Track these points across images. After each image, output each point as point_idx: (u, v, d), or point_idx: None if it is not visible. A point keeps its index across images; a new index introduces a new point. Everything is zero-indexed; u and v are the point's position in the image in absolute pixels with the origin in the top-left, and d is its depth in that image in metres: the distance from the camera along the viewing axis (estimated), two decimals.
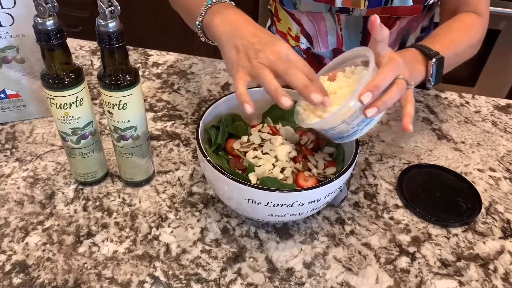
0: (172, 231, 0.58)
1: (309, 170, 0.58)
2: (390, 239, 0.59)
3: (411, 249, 0.58)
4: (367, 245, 0.58)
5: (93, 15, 1.86)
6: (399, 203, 0.64)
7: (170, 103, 0.80)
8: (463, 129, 0.78)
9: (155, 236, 0.57)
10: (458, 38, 0.69)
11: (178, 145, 0.71)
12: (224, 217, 0.60)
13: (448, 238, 0.59)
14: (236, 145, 0.60)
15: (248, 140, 0.61)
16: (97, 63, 0.89)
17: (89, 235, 0.57)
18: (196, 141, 0.55)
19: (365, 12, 0.72)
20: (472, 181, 0.68)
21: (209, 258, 0.55)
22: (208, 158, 0.52)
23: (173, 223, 0.59)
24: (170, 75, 0.87)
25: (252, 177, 0.55)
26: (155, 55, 0.92)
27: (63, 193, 0.62)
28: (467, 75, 2.08)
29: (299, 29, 0.79)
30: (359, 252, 0.57)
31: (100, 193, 0.62)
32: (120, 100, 0.52)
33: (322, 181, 0.57)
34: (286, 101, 0.49)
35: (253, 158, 0.58)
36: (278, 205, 0.50)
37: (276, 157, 0.58)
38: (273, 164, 0.57)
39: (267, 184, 0.53)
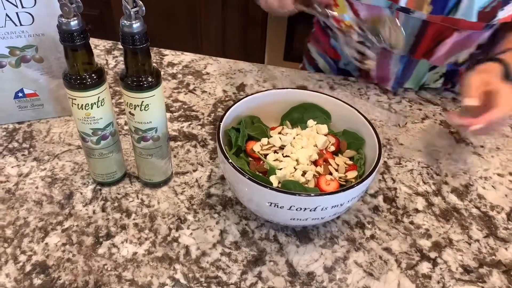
0: (191, 233, 0.57)
1: (330, 173, 0.57)
2: (411, 244, 0.58)
3: (432, 255, 0.57)
4: (387, 249, 0.57)
5: (103, 13, 1.87)
6: (419, 207, 0.63)
7: (186, 104, 0.80)
8: None
9: (175, 238, 0.57)
10: None
11: (195, 146, 0.71)
12: (243, 219, 0.60)
13: (470, 244, 0.59)
14: (256, 147, 0.59)
15: (269, 143, 0.60)
16: (112, 62, 0.89)
17: (108, 236, 0.56)
18: (217, 143, 0.54)
19: (425, 17, 0.71)
20: (492, 186, 0.67)
21: (229, 261, 0.54)
22: (229, 160, 0.52)
23: (192, 225, 0.58)
24: (186, 75, 0.87)
25: (274, 180, 0.55)
26: (170, 55, 0.92)
27: (81, 193, 0.62)
28: None
29: (355, 19, 0.77)
30: (380, 257, 0.56)
31: (118, 194, 0.62)
32: (142, 101, 0.52)
33: (343, 185, 0.56)
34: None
35: (274, 160, 0.58)
36: (301, 209, 0.50)
37: (297, 160, 0.57)
38: (294, 167, 0.57)
39: (290, 187, 0.52)
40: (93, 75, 0.52)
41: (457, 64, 0.81)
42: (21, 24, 0.62)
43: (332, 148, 0.60)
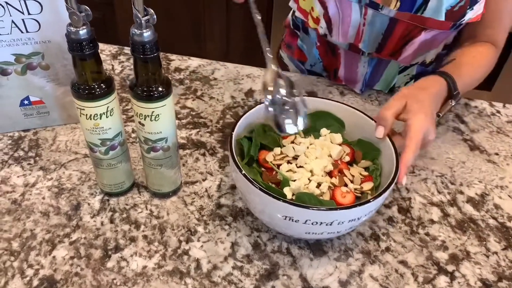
0: (202, 246, 0.56)
1: (345, 185, 0.56)
2: (427, 257, 0.57)
3: (450, 268, 0.55)
4: (403, 262, 0.56)
5: (106, 16, 1.85)
6: (434, 217, 0.61)
7: (194, 110, 0.78)
8: (495, 140, 0.76)
9: (185, 251, 0.55)
10: (477, 74, 0.73)
11: (204, 154, 0.69)
12: (255, 231, 0.58)
13: (488, 256, 0.57)
14: (269, 157, 0.58)
15: (281, 152, 0.59)
16: (118, 67, 0.88)
17: (117, 249, 0.55)
18: (229, 153, 0.53)
19: (394, 14, 0.70)
20: (508, 195, 0.65)
21: (241, 275, 0.53)
22: (243, 172, 0.50)
23: (203, 237, 0.57)
24: (193, 81, 0.85)
25: (288, 192, 0.53)
26: (177, 60, 0.91)
27: (88, 204, 0.60)
28: (484, 79, 2.06)
29: (323, 12, 0.76)
30: (396, 270, 0.55)
31: (126, 205, 0.61)
32: (153, 112, 0.51)
33: (359, 197, 0.55)
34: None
35: (287, 171, 0.56)
36: (316, 223, 0.48)
37: (311, 171, 0.56)
38: (308, 179, 0.55)
39: (304, 200, 0.51)
40: (102, 84, 0.50)
41: (425, 64, 0.81)
42: (27, 31, 0.61)
43: (347, 158, 0.59)
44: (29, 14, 0.60)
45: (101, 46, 0.93)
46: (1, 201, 0.60)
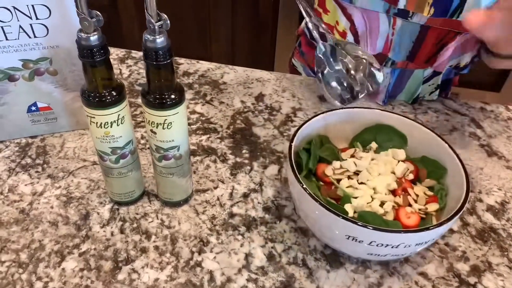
0: (215, 257, 0.54)
1: (409, 205, 0.53)
2: (448, 268, 0.55)
3: (472, 280, 0.54)
4: (423, 274, 0.54)
5: (110, 18, 1.85)
6: (454, 227, 0.60)
7: (204, 116, 0.77)
8: None
9: (198, 262, 0.54)
10: None
11: (215, 161, 0.68)
12: (269, 241, 0.56)
13: (511, 268, 0.55)
14: (328, 171, 0.56)
15: (341, 166, 0.57)
16: (126, 71, 0.86)
17: (128, 260, 0.53)
18: (289, 166, 0.51)
19: (425, 21, 0.67)
20: None
21: None
22: (304, 186, 0.48)
23: (216, 247, 0.55)
24: (202, 85, 0.84)
25: (349, 209, 0.51)
26: (185, 64, 0.89)
27: (98, 213, 0.59)
28: (493, 80, 2.03)
29: (349, 25, 0.74)
30: (416, 283, 0.53)
31: (137, 214, 0.59)
32: (165, 120, 0.49)
33: (423, 218, 0.53)
34: None
35: (348, 187, 0.54)
36: (382, 245, 0.46)
37: (374, 188, 0.54)
38: (371, 196, 0.53)
39: (367, 219, 0.49)
40: (113, 92, 0.49)
41: (459, 67, 0.78)
42: (35, 36, 0.60)
43: (411, 176, 0.56)
44: (37, 18, 0.58)
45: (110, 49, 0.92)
46: (9, 211, 0.58)
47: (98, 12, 0.44)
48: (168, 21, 0.44)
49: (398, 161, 0.58)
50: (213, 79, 0.86)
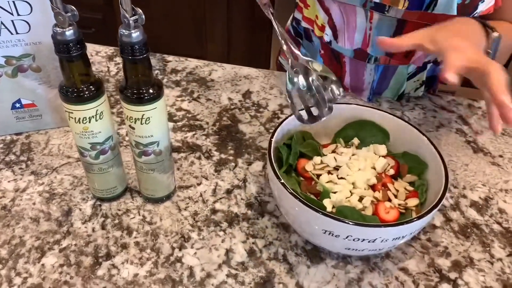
0: (195, 253, 0.54)
1: (389, 200, 0.53)
2: (429, 264, 0.55)
3: (452, 275, 0.53)
4: (404, 270, 0.54)
5: (106, 16, 1.85)
6: (437, 222, 0.59)
7: (190, 113, 0.77)
8: (500, 142, 0.74)
9: (178, 258, 0.54)
10: (508, 32, 0.64)
11: (199, 158, 0.68)
12: (250, 237, 0.56)
13: (492, 263, 0.55)
14: (309, 166, 0.56)
15: (322, 162, 0.57)
16: (114, 69, 0.86)
17: (108, 256, 0.53)
18: (268, 162, 0.51)
19: (401, 14, 0.67)
20: None
21: (236, 283, 0.51)
22: (282, 181, 0.48)
23: (196, 243, 0.55)
24: (190, 82, 0.84)
25: (328, 204, 0.51)
26: (174, 61, 0.89)
27: (80, 209, 0.59)
28: None
29: (327, 19, 0.74)
30: (396, 278, 0.53)
31: (119, 210, 0.59)
32: (143, 115, 0.49)
33: (402, 213, 0.52)
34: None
35: (327, 182, 0.54)
36: (358, 239, 0.46)
37: (353, 183, 0.54)
38: (350, 191, 0.53)
39: (345, 214, 0.48)
40: (91, 87, 0.49)
41: (437, 62, 0.78)
42: (17, 33, 0.60)
43: (391, 172, 0.56)
44: (18, 15, 0.58)
45: (97, 47, 0.92)
46: None
47: (73, 7, 0.44)
48: (143, 16, 0.44)
49: (379, 157, 0.58)
50: (201, 76, 0.86)
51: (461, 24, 0.60)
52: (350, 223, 0.45)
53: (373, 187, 0.55)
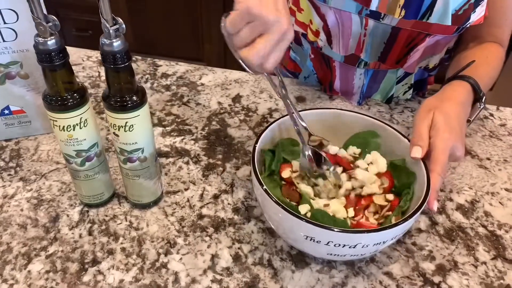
0: (181, 258, 0.55)
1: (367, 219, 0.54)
2: (413, 268, 0.55)
3: (436, 279, 0.54)
4: (388, 274, 0.54)
5: None
6: (422, 226, 0.60)
7: (179, 117, 0.77)
8: (488, 144, 0.74)
9: (163, 264, 0.54)
10: (492, 73, 0.71)
11: (187, 163, 0.68)
12: (236, 242, 0.57)
13: (476, 267, 0.55)
14: (286, 173, 0.57)
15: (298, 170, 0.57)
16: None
17: (94, 262, 0.54)
18: (252, 167, 0.52)
19: (396, 23, 0.68)
20: (499, 202, 0.63)
21: None
22: (264, 187, 0.49)
23: (182, 249, 0.56)
24: (180, 86, 0.84)
25: (303, 209, 0.52)
26: (164, 66, 0.90)
27: (67, 215, 0.59)
28: None
29: (322, 24, 0.74)
30: (380, 282, 0.53)
31: (106, 216, 0.59)
32: (126, 122, 0.49)
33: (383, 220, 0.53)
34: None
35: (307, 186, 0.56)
36: (339, 245, 0.47)
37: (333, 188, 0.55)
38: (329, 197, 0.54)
39: (317, 218, 0.49)
40: (75, 95, 0.49)
41: (428, 69, 0.79)
42: (4, 40, 0.60)
43: (381, 191, 0.57)
44: (5, 23, 0.59)
45: (88, 52, 0.92)
46: None
47: (54, 17, 0.45)
48: (124, 25, 0.45)
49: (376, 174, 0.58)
50: (191, 81, 0.86)
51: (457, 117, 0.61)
52: (335, 229, 0.45)
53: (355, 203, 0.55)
